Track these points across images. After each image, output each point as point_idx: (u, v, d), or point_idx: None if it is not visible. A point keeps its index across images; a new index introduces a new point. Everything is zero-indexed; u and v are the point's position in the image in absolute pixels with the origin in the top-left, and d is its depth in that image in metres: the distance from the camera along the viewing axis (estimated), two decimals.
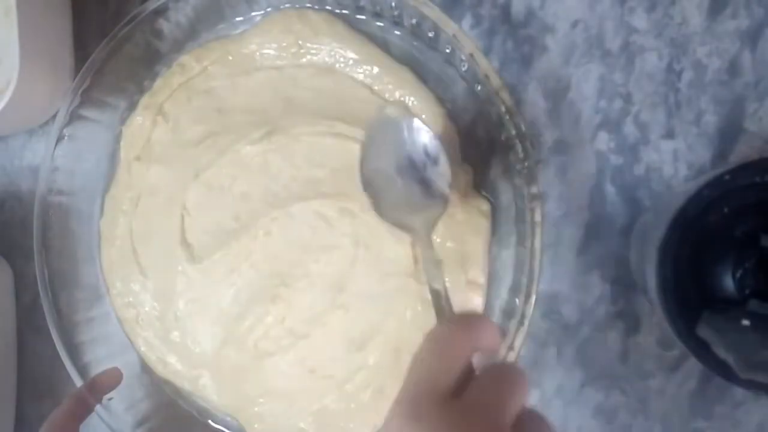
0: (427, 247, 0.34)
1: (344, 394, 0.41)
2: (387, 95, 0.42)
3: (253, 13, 0.45)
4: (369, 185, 0.35)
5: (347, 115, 0.42)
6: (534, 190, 0.38)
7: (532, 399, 0.44)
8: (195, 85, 0.44)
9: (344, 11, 0.43)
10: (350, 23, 0.43)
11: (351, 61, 0.43)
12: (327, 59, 0.43)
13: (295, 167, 0.42)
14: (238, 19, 0.45)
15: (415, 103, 0.42)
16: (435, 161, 0.35)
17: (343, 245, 0.41)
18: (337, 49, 0.43)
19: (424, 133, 0.35)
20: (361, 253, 0.41)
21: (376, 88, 0.42)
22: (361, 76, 0.43)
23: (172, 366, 0.44)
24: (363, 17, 0.43)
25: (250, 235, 0.42)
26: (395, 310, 0.41)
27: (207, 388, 0.44)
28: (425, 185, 0.35)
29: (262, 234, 0.42)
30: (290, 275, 0.41)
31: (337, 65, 0.43)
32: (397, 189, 0.35)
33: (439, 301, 0.31)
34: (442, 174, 0.35)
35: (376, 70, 0.42)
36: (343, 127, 0.41)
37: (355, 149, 0.38)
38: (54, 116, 0.44)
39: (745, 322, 0.33)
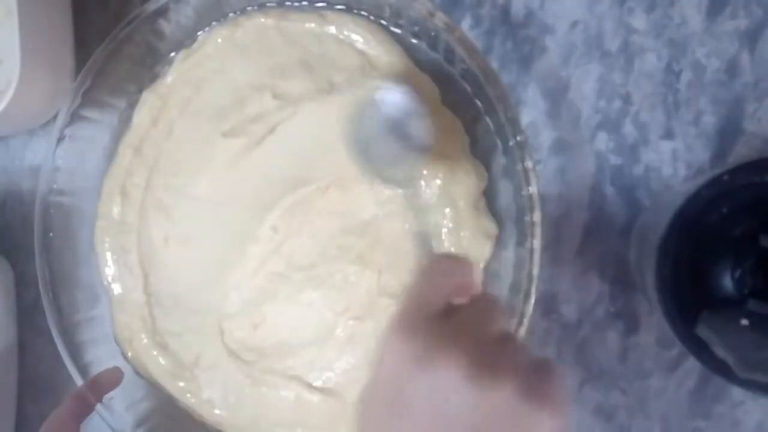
0: (415, 195, 0.37)
1: None
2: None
3: (249, 8, 0.44)
4: (355, 152, 0.36)
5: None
6: (533, 190, 0.38)
7: None
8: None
9: (342, 8, 0.43)
10: None
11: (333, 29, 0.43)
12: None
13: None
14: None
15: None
16: (412, 116, 0.36)
17: None
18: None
19: (399, 93, 0.36)
20: None
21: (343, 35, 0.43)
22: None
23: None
24: (363, 15, 0.43)
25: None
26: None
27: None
28: (407, 140, 0.36)
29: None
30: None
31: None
32: (381, 150, 0.36)
33: (425, 242, 0.34)
34: (420, 127, 0.36)
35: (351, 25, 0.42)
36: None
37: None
38: (55, 116, 0.44)
39: (744, 322, 0.33)
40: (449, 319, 0.28)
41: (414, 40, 0.43)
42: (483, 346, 0.26)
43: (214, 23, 0.44)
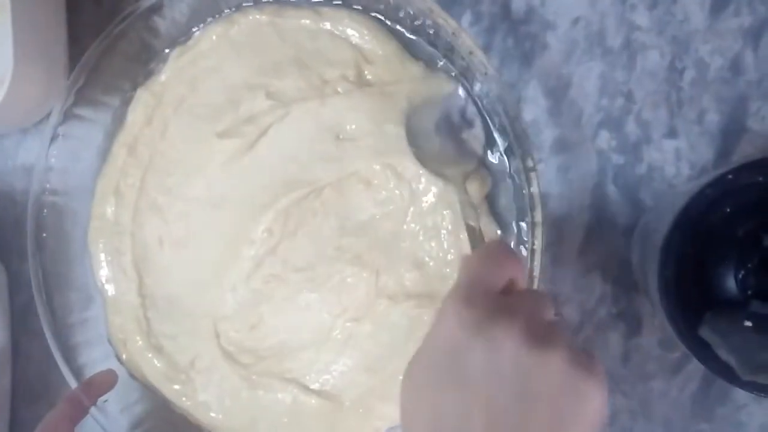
0: (462, 192, 0.39)
1: None
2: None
3: (245, 4, 0.44)
4: (413, 138, 0.40)
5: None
6: (534, 189, 0.38)
7: None
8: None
9: (339, 3, 0.43)
10: None
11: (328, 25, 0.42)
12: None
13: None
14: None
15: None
16: (470, 124, 0.40)
17: None
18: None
19: (462, 99, 0.39)
20: None
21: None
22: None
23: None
24: (359, 10, 0.43)
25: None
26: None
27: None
28: (459, 144, 0.40)
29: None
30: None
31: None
32: (435, 144, 0.40)
33: (474, 234, 0.37)
34: (475, 136, 0.39)
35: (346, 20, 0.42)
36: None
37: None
38: (48, 115, 0.43)
39: (748, 324, 0.33)
40: (505, 297, 0.29)
41: (412, 36, 0.42)
42: (537, 322, 0.28)
43: (209, 19, 0.44)
